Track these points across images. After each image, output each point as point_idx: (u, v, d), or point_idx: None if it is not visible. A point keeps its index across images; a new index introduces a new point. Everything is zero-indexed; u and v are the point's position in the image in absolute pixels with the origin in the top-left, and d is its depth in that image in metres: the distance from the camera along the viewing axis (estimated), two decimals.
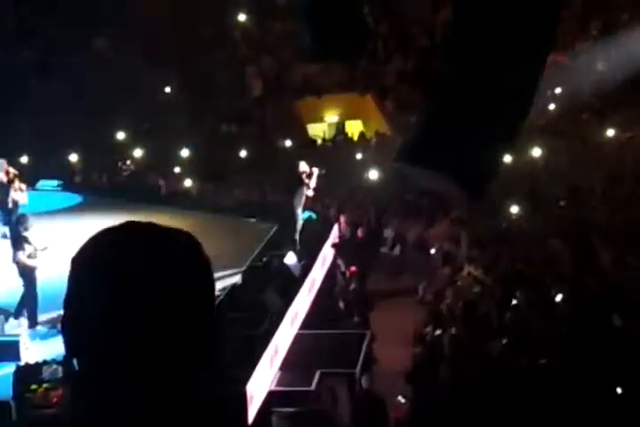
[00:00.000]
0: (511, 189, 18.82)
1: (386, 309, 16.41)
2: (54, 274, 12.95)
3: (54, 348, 11.99)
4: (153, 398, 1.56)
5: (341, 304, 16.35)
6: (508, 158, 15.50)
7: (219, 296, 14.95)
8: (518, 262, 16.07)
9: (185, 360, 1.58)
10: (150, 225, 1.65)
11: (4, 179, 17.47)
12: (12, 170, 17.78)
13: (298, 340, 14.15)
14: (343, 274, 17.34)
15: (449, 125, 5.71)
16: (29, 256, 13.08)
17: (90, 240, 1.61)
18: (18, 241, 13.19)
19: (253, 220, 20.42)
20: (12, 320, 13.42)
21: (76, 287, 1.59)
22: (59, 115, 24.63)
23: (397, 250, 19.23)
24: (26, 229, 13.18)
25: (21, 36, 27.29)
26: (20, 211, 16.37)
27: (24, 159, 23.91)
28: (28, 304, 13.25)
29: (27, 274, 13.11)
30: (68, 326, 1.59)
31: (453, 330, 13.48)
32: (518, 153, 19.15)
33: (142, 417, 1.57)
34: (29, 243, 13.06)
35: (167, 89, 28.24)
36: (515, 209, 18.88)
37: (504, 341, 12.98)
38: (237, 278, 15.65)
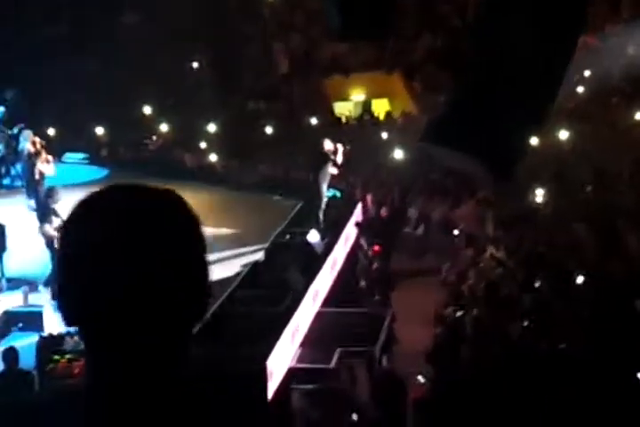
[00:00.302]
0: (537, 171, 18.72)
1: (408, 288, 16.42)
2: None
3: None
4: (131, 368, 1.54)
5: (363, 283, 16.37)
6: (535, 141, 15.39)
7: (241, 272, 15.01)
8: (542, 245, 16.02)
9: (167, 332, 1.55)
10: (133, 188, 1.62)
11: (32, 149, 17.42)
12: (38, 140, 17.73)
13: (319, 318, 14.19)
14: (366, 253, 17.33)
15: (476, 106, 5.68)
16: (57, 229, 13.17)
17: (74, 208, 1.60)
18: (46, 213, 13.28)
19: (278, 197, 20.44)
20: (36, 291, 13.55)
21: (59, 257, 1.59)
22: (86, 88, 24.71)
23: (421, 230, 19.20)
24: (55, 202, 13.26)
25: (50, 11, 27.31)
26: (47, 183, 16.44)
27: (51, 131, 24.01)
28: (52, 275, 13.36)
29: (53, 246, 13.21)
30: (58, 296, 1.59)
31: (475, 311, 13.47)
32: (545, 136, 19.01)
33: (119, 386, 1.56)
34: (57, 215, 13.14)
35: (194, 64, 28.22)
36: (540, 192, 18.78)
37: (525, 323, 12.97)
38: (260, 255, 15.70)
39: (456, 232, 18.22)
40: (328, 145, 16.57)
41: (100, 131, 25.13)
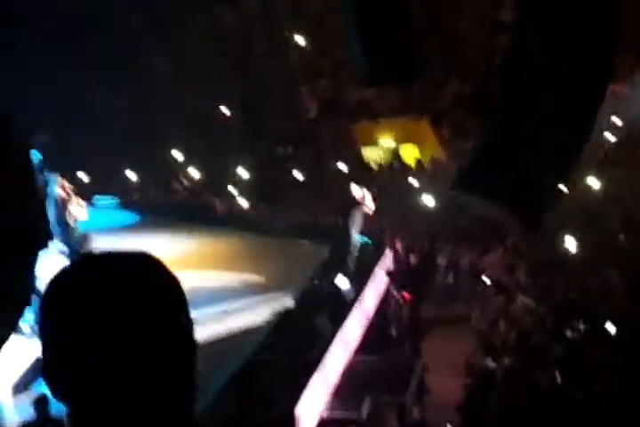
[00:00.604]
0: (567, 218, 18.63)
1: (437, 337, 16.30)
2: None
3: None
4: None
5: (393, 331, 16.27)
6: (564, 188, 15.35)
7: (270, 320, 14.98)
8: (572, 292, 15.90)
9: (156, 404, 1.52)
10: (105, 259, 1.61)
11: (62, 194, 17.47)
12: (67, 184, 17.76)
13: (348, 365, 14.11)
14: (396, 300, 17.27)
15: (505, 155, 5.67)
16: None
17: (47, 287, 1.61)
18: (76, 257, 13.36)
19: (306, 242, 20.45)
20: None
21: (42, 338, 1.58)
22: (115, 131, 24.99)
23: (450, 277, 19.11)
24: (88, 247, 13.36)
25: (79, 54, 27.70)
26: (79, 227, 16.55)
27: (81, 175, 24.24)
28: None
29: None
30: (42, 374, 1.58)
31: (506, 360, 13.35)
32: (575, 183, 18.96)
33: None
34: None
35: (223, 108, 28.49)
36: (570, 239, 18.67)
37: (557, 372, 12.82)
38: (289, 302, 15.68)
39: (485, 279, 18.11)
40: (356, 190, 16.66)
41: (130, 175, 25.36)
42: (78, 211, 17.11)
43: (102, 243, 14.21)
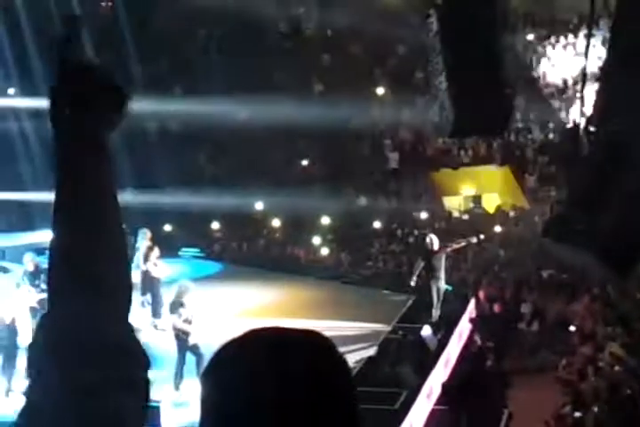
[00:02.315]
0: None
1: (523, 386, 16.02)
2: (197, 341, 13.29)
3: (194, 415, 12.18)
4: None
5: (478, 380, 16.04)
6: None
7: (354, 368, 14.94)
8: None
9: None
10: (277, 331, 1.55)
11: (149, 247, 17.65)
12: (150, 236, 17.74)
13: (434, 416, 13.95)
14: (480, 349, 17.08)
15: (596, 203, 5.64)
16: (185, 321, 13.42)
17: (218, 354, 1.54)
18: (175, 307, 13.56)
19: (389, 291, 20.40)
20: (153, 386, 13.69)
21: (206, 399, 1.53)
22: (197, 184, 25.47)
23: (535, 326, 18.81)
24: (183, 296, 13.54)
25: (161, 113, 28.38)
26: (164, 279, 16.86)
27: (167, 228, 24.70)
28: (177, 368, 13.52)
29: (181, 338, 13.44)
30: None
31: (595, 410, 13.05)
32: None
33: None
34: (184, 307, 13.41)
35: (305, 161, 28.82)
36: None
37: None
38: (372, 351, 15.62)
39: (572, 328, 17.79)
40: (435, 240, 16.69)
41: (214, 226, 25.74)
42: (154, 269, 17.20)
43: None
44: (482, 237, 19.98)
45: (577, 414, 13.45)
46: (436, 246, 16.67)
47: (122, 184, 24.60)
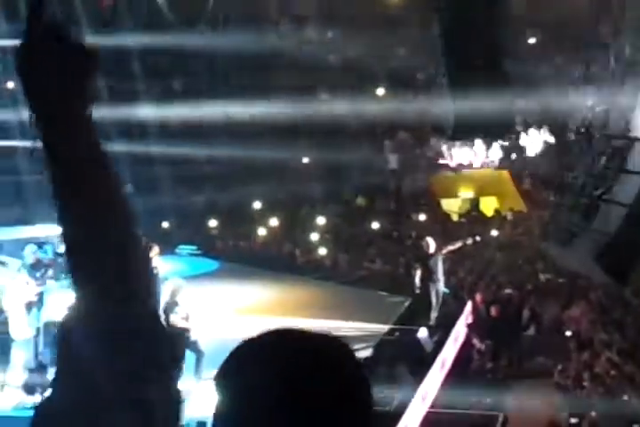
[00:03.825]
0: None
1: (518, 391, 15.99)
2: (196, 338, 13.24)
3: (189, 413, 12.12)
4: None
5: (474, 383, 16.01)
6: None
7: None
8: None
9: None
10: (301, 335, 1.53)
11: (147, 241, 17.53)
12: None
13: (428, 418, 13.92)
14: (477, 353, 17.05)
15: (596, 209, 5.62)
16: (183, 318, 13.35)
17: (234, 354, 1.52)
18: (169, 305, 13.50)
19: (385, 293, 20.37)
20: None
21: (226, 402, 1.49)
22: (196, 182, 25.46)
23: (532, 330, 18.78)
24: (177, 295, 13.48)
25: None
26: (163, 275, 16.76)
27: (165, 224, 24.65)
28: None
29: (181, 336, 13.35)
30: None
31: (592, 417, 13.02)
32: None
33: None
34: (179, 305, 13.35)
35: (305, 160, 28.78)
36: None
37: None
38: (368, 352, 15.58)
39: (568, 334, 17.76)
40: (431, 243, 16.68)
41: (212, 223, 25.70)
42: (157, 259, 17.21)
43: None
44: (478, 238, 19.92)
45: (573, 420, 13.43)
46: (432, 249, 16.68)
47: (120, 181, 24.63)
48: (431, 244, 16.72)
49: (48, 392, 1.56)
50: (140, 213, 17.13)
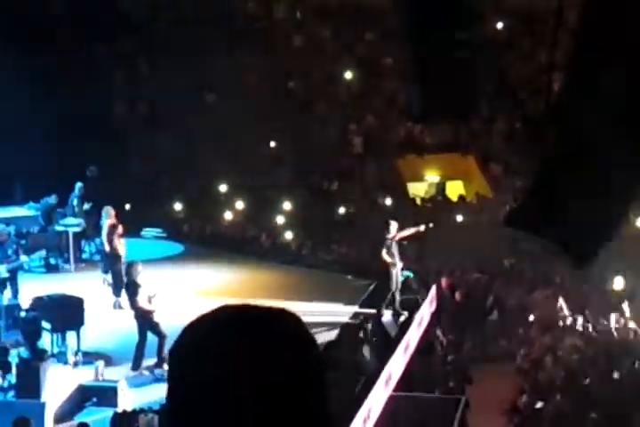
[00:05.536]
0: (617, 258, 18.39)
1: (481, 375, 16.10)
2: (158, 321, 13.20)
3: (151, 395, 12.10)
4: None
5: (436, 367, 16.12)
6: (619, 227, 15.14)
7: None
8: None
9: None
10: (247, 307, 1.53)
11: (112, 225, 17.41)
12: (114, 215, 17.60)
13: (391, 402, 13.97)
14: (440, 336, 17.14)
15: (562, 194, 5.61)
16: (145, 300, 13.31)
17: (187, 329, 1.51)
18: (131, 287, 13.46)
19: (350, 276, 20.40)
20: (111, 366, 13.58)
21: (177, 377, 1.48)
22: (163, 164, 25.28)
23: (495, 315, 18.92)
24: (135, 276, 13.45)
25: (129, 91, 28.09)
26: (126, 257, 16.68)
27: (129, 207, 24.45)
28: (138, 348, 13.38)
29: (144, 318, 13.30)
30: (172, 416, 1.48)
31: (555, 400, 13.14)
32: (627, 223, 18.74)
33: None
34: (141, 287, 13.32)
35: (272, 143, 28.66)
36: (619, 279, 18.42)
37: (605, 413, 12.60)
38: (332, 336, 15.59)
39: (531, 318, 17.90)
40: (393, 226, 16.66)
41: (177, 206, 25.56)
42: (120, 247, 17.08)
43: (146, 272, 14.27)
44: (431, 225, 19.73)
45: (533, 402, 13.55)
46: (393, 232, 16.60)
47: (84, 163, 24.49)
48: (393, 226, 16.66)
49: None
50: (105, 195, 17.09)
